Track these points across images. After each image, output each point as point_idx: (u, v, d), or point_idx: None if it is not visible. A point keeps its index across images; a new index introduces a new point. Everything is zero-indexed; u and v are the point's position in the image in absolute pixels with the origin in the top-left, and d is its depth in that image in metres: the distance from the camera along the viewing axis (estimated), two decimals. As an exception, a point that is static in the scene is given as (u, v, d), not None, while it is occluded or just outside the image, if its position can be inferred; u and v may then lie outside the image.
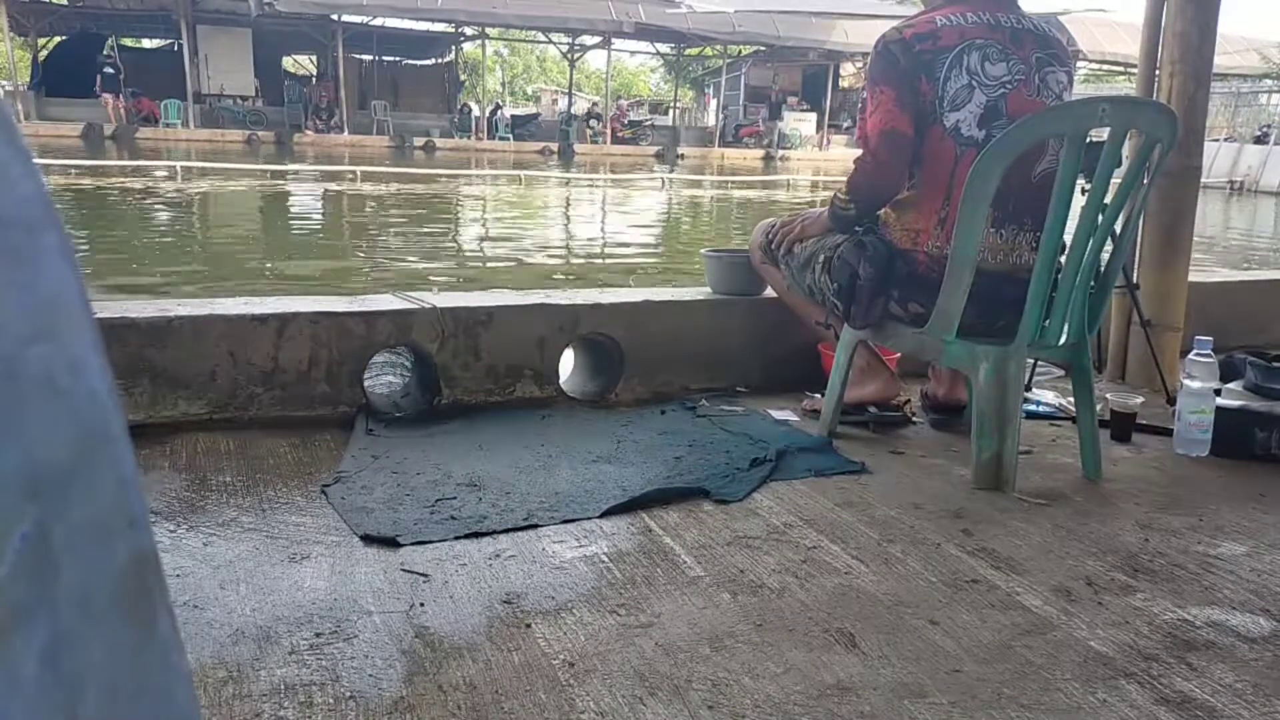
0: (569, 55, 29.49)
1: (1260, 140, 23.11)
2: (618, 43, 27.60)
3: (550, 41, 29.97)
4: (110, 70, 23.42)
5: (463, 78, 30.70)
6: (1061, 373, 2.85)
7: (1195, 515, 1.91)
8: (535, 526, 1.72)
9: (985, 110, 2.06)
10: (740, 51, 29.42)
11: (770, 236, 2.50)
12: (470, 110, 27.48)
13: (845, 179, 2.24)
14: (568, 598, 1.47)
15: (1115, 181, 2.03)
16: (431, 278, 7.11)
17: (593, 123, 27.56)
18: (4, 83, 23.39)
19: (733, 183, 18.62)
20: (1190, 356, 2.25)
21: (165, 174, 14.03)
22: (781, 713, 1.19)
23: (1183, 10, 2.67)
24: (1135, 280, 2.75)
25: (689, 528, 1.75)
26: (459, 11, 23.58)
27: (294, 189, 13.85)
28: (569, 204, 14.76)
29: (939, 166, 2.10)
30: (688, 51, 30.43)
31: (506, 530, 1.70)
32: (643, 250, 9.56)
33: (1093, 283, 2.08)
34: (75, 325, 0.29)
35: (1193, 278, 2.88)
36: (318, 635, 1.33)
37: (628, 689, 1.23)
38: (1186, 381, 2.24)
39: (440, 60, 30.10)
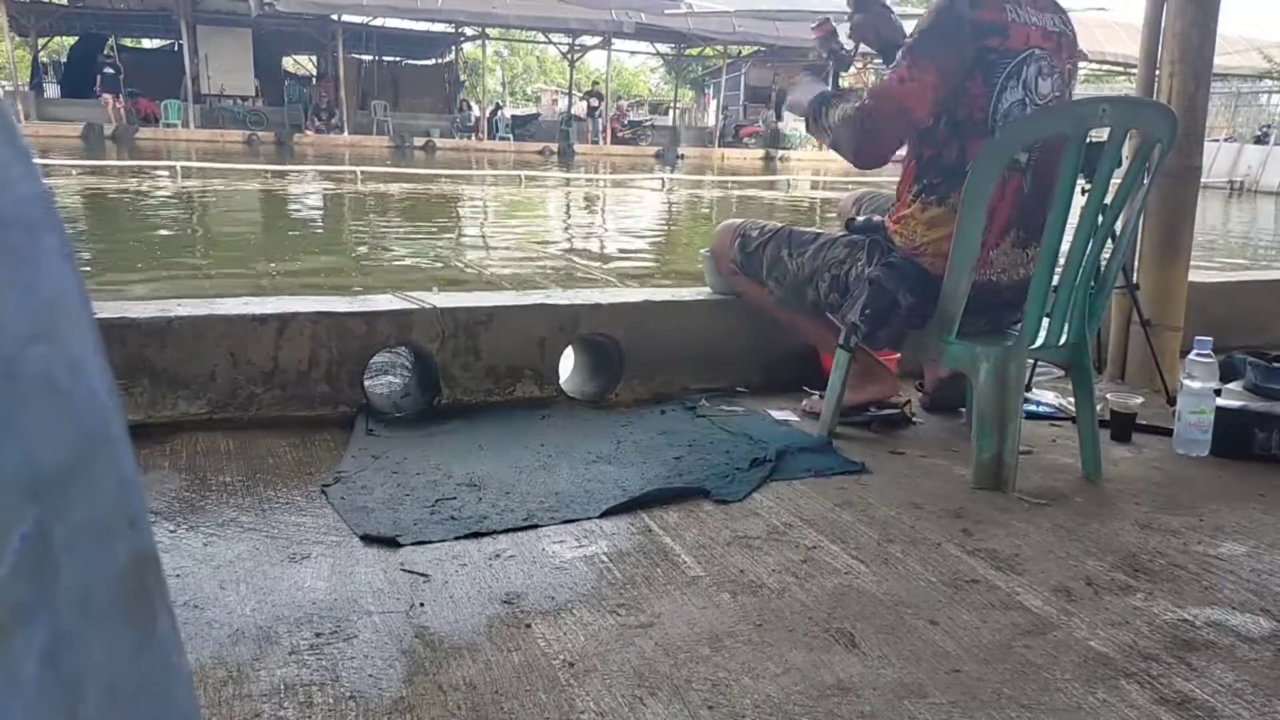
0: (569, 55, 29.50)
1: (1260, 140, 23.11)
2: (618, 43, 27.61)
3: (550, 42, 29.97)
4: (110, 70, 23.41)
5: (463, 78, 30.69)
6: (1061, 373, 2.85)
7: (1195, 515, 1.91)
8: (535, 526, 1.72)
9: None
10: (740, 51, 29.42)
11: (745, 250, 2.42)
12: (470, 110, 27.49)
13: (851, 110, 2.04)
14: (568, 598, 1.47)
15: (1115, 181, 2.02)
16: (431, 278, 7.10)
17: (592, 100, 27.63)
18: (4, 83, 23.39)
19: (733, 182, 18.61)
20: (1190, 356, 2.25)
21: (166, 174, 14.03)
22: (781, 713, 1.19)
23: (1183, 10, 2.67)
24: (1135, 280, 2.75)
25: (689, 528, 1.75)
26: (459, 12, 23.58)
27: (294, 189, 13.85)
28: (569, 204, 14.76)
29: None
30: (688, 52, 30.42)
31: (506, 530, 1.70)
32: (642, 250, 9.56)
33: (1092, 283, 2.08)
34: (75, 325, 0.29)
35: (1193, 278, 2.88)
36: (318, 635, 1.33)
37: (627, 689, 1.23)
38: (1186, 381, 2.24)
39: (440, 60, 30.10)
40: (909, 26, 2.10)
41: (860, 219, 2.32)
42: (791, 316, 2.44)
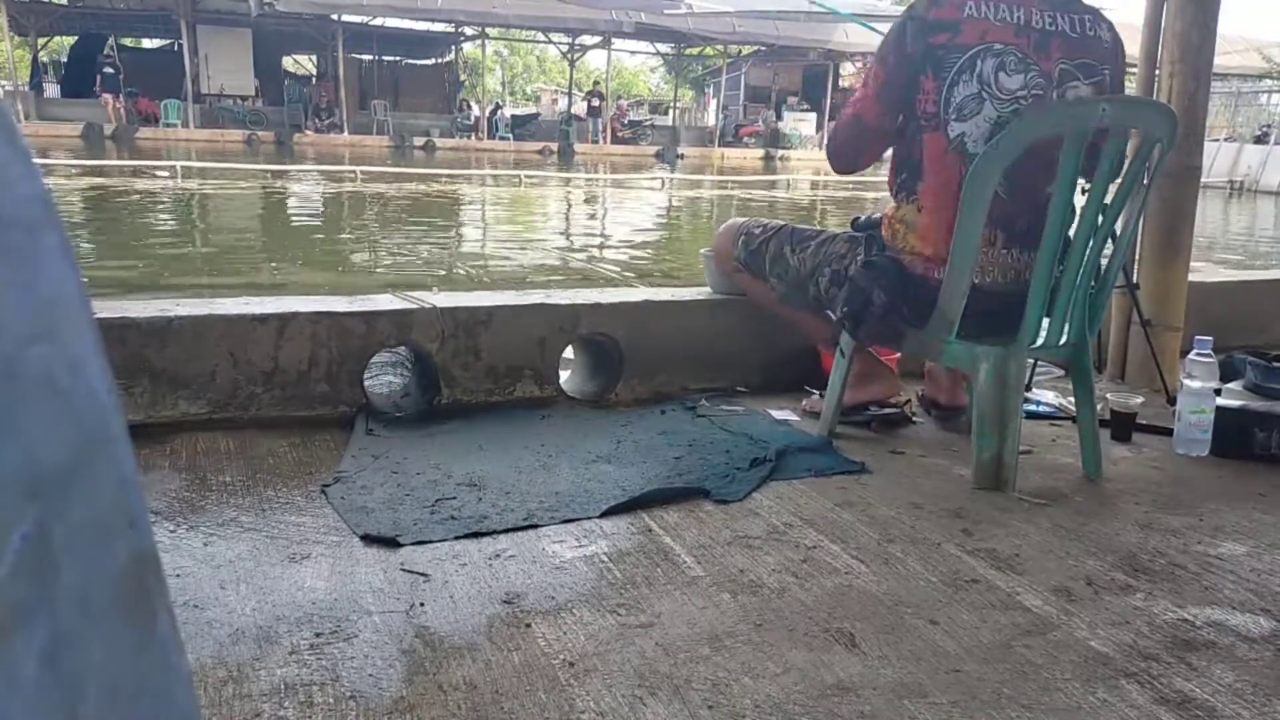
0: (569, 55, 29.50)
1: (1260, 140, 23.12)
2: (618, 43, 27.62)
3: (550, 41, 29.98)
4: (110, 70, 23.42)
5: (463, 78, 30.71)
6: (1061, 373, 2.85)
7: (1195, 515, 1.91)
8: (535, 526, 1.72)
9: (994, 126, 1.94)
10: (740, 51, 29.43)
11: (749, 247, 2.44)
12: (470, 110, 27.50)
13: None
14: (568, 598, 1.47)
15: (1114, 182, 2.02)
16: (432, 278, 7.10)
17: (593, 100, 27.65)
18: (4, 83, 23.39)
19: (733, 182, 18.60)
20: (1190, 356, 2.25)
21: (166, 174, 14.03)
22: (781, 713, 1.19)
23: (1183, 10, 2.67)
24: (1135, 280, 2.75)
25: (689, 528, 1.75)
26: (459, 11, 23.60)
27: (294, 189, 13.85)
28: (569, 204, 14.76)
29: (946, 184, 1.98)
30: (688, 51, 30.43)
31: (506, 530, 1.70)
32: (642, 250, 9.56)
33: (1093, 283, 2.08)
34: (75, 325, 0.29)
35: (1193, 278, 2.88)
36: (318, 635, 1.33)
37: (628, 689, 1.23)
38: (1186, 381, 2.24)
39: (440, 60, 30.11)
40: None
41: (863, 218, 2.33)
42: (793, 313, 2.45)
